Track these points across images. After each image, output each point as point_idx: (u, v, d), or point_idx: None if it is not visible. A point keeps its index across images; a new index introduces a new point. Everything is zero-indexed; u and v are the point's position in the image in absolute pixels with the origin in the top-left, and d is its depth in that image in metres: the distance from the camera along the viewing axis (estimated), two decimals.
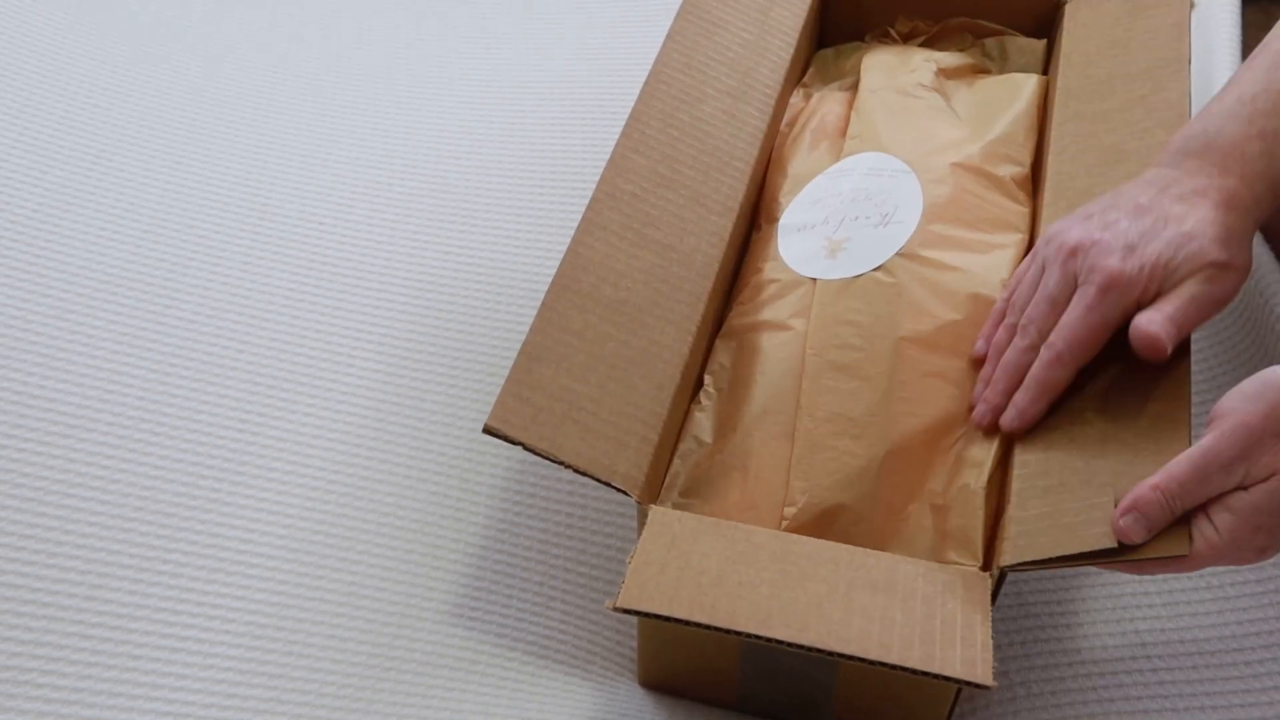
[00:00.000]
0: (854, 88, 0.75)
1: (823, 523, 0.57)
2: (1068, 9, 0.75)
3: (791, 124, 0.74)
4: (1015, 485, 0.54)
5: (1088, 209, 0.58)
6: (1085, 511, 0.51)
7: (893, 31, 0.81)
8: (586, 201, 0.63)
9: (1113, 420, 0.55)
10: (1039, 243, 0.59)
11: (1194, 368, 0.57)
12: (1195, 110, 0.62)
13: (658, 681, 0.61)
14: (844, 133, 0.72)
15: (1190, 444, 0.52)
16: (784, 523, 0.57)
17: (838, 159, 0.70)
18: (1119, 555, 0.50)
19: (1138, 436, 0.53)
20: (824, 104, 0.75)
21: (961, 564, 0.55)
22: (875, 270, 0.63)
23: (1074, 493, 0.52)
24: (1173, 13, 0.70)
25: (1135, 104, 0.66)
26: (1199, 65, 0.86)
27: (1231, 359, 0.72)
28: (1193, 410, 0.55)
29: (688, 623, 0.50)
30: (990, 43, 0.79)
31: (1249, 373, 0.52)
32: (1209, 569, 0.66)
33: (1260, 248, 0.72)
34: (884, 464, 0.58)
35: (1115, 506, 0.50)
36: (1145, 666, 0.62)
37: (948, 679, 0.48)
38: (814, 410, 0.59)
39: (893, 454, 0.58)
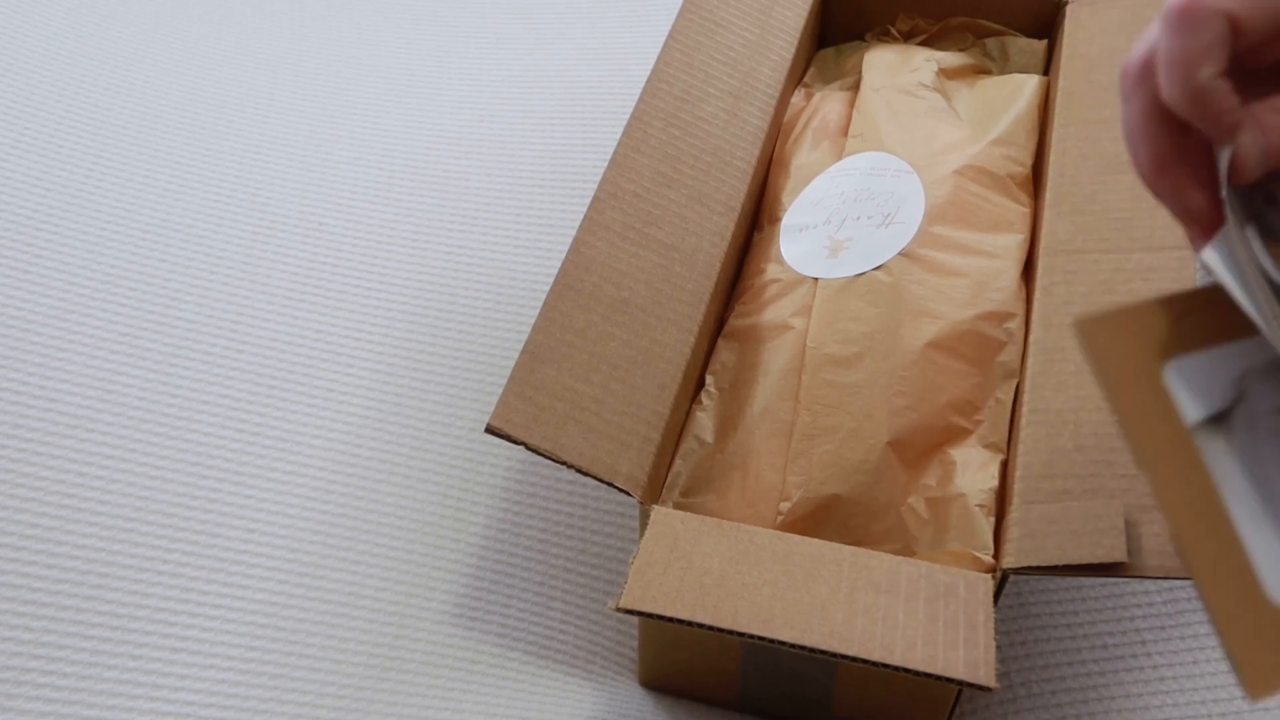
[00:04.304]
0: (855, 87, 0.75)
1: (819, 515, 0.57)
2: (1069, 10, 0.75)
3: (793, 123, 0.74)
4: (1018, 486, 0.54)
5: None
6: (1094, 520, 0.51)
7: (893, 30, 0.81)
8: (587, 201, 0.63)
9: (1117, 429, 0.55)
10: None
11: None
12: None
13: (658, 681, 0.61)
14: (845, 132, 0.72)
15: None
16: (780, 517, 0.57)
17: (839, 158, 0.70)
18: (1124, 571, 0.50)
19: None
20: (825, 103, 0.75)
21: (961, 562, 0.55)
22: (876, 270, 0.63)
23: (1080, 500, 0.52)
24: None
25: None
26: None
27: None
28: None
29: (691, 624, 0.50)
30: (991, 42, 0.79)
31: None
32: None
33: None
34: (882, 457, 0.58)
35: (1124, 522, 0.50)
36: (1146, 664, 0.62)
37: (950, 680, 0.48)
38: (812, 403, 0.59)
39: (891, 447, 0.58)
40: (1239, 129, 0.38)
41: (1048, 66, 0.77)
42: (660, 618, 0.50)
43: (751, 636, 0.49)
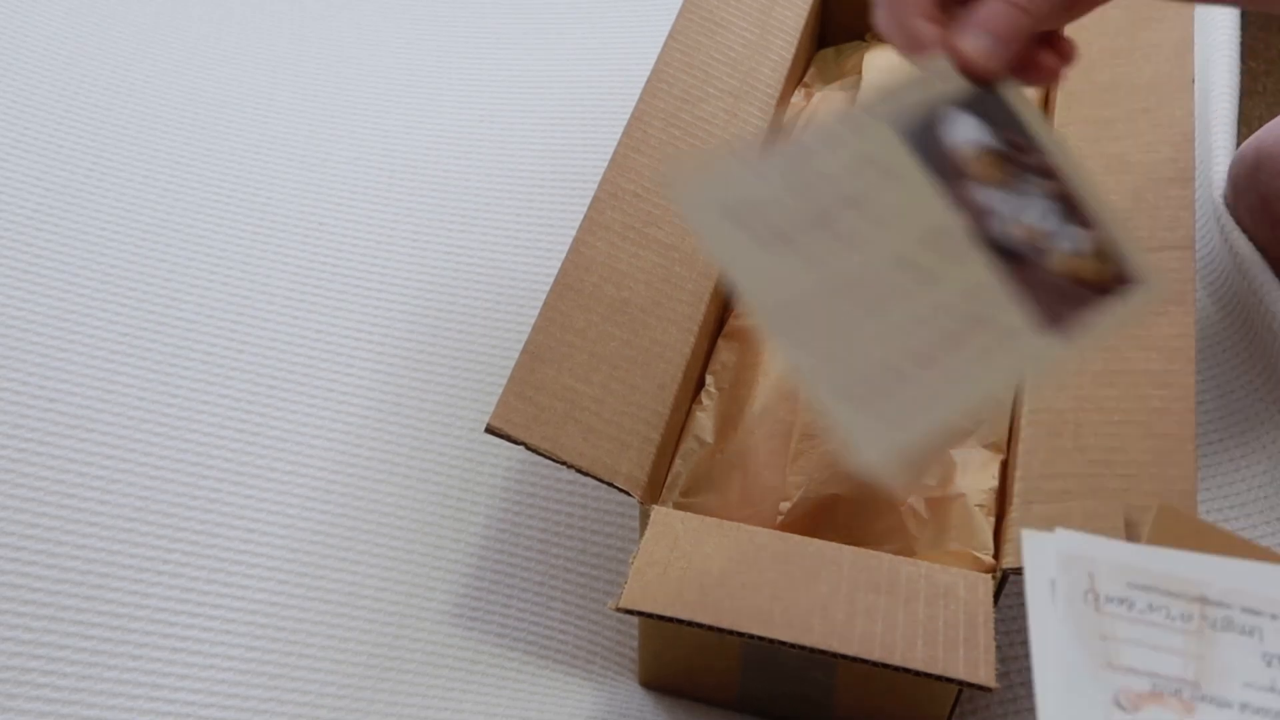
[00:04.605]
0: (855, 87, 0.75)
1: (819, 515, 0.57)
2: None
3: (793, 123, 0.74)
4: (1018, 486, 0.54)
5: None
6: (1094, 521, 0.51)
7: None
8: (587, 201, 0.63)
9: (1116, 429, 0.54)
10: None
11: (1197, 376, 0.57)
12: (1199, 129, 0.62)
13: (658, 681, 0.61)
14: None
15: (1196, 457, 0.51)
16: (780, 517, 0.57)
17: None
18: None
19: (1143, 447, 0.53)
20: (825, 104, 0.75)
21: (961, 562, 0.55)
22: None
23: (1080, 500, 0.52)
24: (1176, 28, 0.71)
25: (1139, 115, 0.67)
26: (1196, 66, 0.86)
27: (1235, 368, 0.72)
28: (1197, 418, 0.54)
29: (691, 624, 0.50)
30: None
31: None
32: None
33: (1255, 260, 0.72)
34: None
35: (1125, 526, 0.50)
36: None
37: (950, 680, 0.48)
38: None
39: None
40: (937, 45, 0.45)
41: None
42: (660, 618, 0.50)
43: (751, 636, 0.49)
